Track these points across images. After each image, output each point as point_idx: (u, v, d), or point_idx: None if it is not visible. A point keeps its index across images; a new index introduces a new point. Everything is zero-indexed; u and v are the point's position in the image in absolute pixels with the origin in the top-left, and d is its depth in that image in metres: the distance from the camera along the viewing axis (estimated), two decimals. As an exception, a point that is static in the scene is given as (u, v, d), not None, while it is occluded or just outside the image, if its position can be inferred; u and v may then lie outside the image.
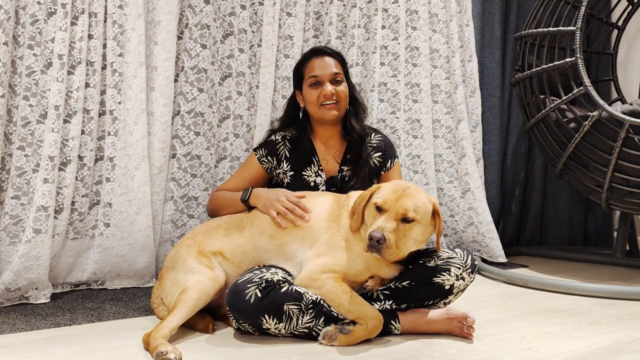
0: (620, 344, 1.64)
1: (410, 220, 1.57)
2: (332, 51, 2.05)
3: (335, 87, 1.98)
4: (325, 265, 1.63)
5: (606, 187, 2.66)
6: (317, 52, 2.04)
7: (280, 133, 2.07)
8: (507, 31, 3.39)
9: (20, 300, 2.01)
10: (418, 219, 1.58)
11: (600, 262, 3.05)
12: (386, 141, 2.11)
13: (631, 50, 3.63)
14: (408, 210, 1.56)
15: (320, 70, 1.98)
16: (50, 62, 2.11)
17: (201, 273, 1.68)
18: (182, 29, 2.45)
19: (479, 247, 3.01)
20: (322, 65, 1.99)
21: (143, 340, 1.53)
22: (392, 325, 1.64)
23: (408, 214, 1.56)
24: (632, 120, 2.48)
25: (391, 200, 1.58)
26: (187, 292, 1.62)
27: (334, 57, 2.03)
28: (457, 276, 1.68)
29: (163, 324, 1.53)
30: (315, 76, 1.98)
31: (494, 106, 3.30)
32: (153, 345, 1.45)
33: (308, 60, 2.03)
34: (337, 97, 1.98)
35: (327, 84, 1.97)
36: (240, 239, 1.79)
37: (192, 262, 1.73)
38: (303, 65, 2.04)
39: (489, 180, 3.28)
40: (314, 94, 1.99)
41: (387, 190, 1.63)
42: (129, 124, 2.26)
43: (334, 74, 1.98)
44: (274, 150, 2.04)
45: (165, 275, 1.78)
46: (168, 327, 1.52)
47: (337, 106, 1.99)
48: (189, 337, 1.63)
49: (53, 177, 2.05)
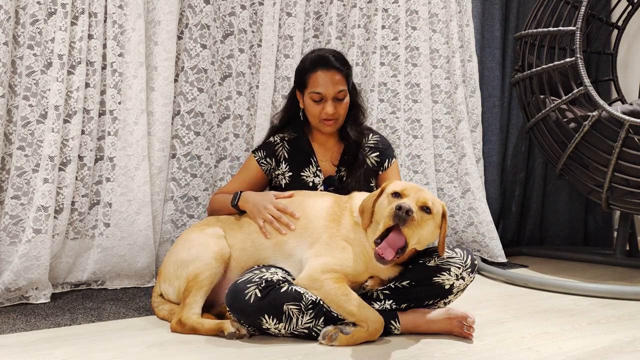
0: (620, 344, 1.64)
1: (428, 211, 1.57)
2: (339, 64, 1.96)
3: (337, 104, 1.96)
4: (325, 265, 1.63)
5: (606, 187, 2.66)
6: (325, 64, 1.94)
7: (279, 135, 2.06)
8: (507, 31, 3.39)
9: (20, 300, 2.02)
10: (433, 214, 1.59)
11: (600, 262, 3.05)
12: (384, 141, 2.11)
13: (631, 50, 3.63)
14: (428, 200, 1.58)
15: (324, 88, 1.93)
16: (50, 62, 2.11)
17: (205, 246, 1.71)
18: (182, 29, 2.45)
19: (479, 247, 3.01)
20: (326, 83, 1.93)
21: (172, 325, 1.66)
22: (392, 325, 1.64)
23: (428, 203, 1.57)
24: (632, 120, 2.48)
25: (411, 190, 1.60)
26: (199, 276, 1.68)
27: (340, 72, 1.95)
28: (457, 276, 1.68)
29: (190, 310, 1.65)
30: (319, 93, 1.94)
31: (494, 106, 3.30)
32: (197, 325, 1.62)
33: (314, 70, 1.95)
34: (337, 114, 1.97)
35: (330, 102, 1.94)
36: (239, 235, 1.80)
37: (195, 236, 1.77)
38: (308, 73, 1.97)
39: (489, 180, 3.27)
40: (316, 109, 1.96)
41: (404, 183, 1.65)
42: (129, 124, 2.26)
43: (337, 92, 1.95)
44: (272, 151, 2.04)
45: (167, 261, 1.80)
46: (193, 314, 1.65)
47: (336, 122, 1.99)
48: (189, 336, 1.62)
49: (53, 177, 2.05)
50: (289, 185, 2.02)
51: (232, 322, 1.61)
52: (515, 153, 3.45)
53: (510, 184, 3.44)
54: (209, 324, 1.63)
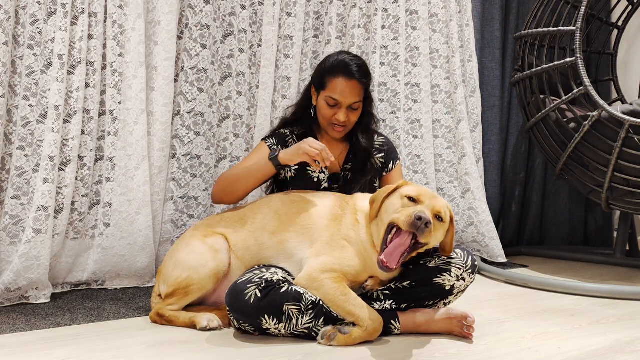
0: (620, 344, 1.64)
1: (441, 220, 1.60)
2: (361, 75, 1.95)
3: (350, 113, 1.97)
4: (325, 265, 1.62)
5: (606, 187, 2.66)
6: (348, 74, 1.93)
7: (289, 128, 2.08)
8: (507, 31, 3.38)
9: (20, 300, 2.01)
10: (445, 222, 1.61)
11: (600, 262, 3.05)
12: (389, 143, 2.12)
13: (631, 50, 3.63)
14: (442, 209, 1.60)
15: (342, 97, 1.93)
16: (50, 62, 2.11)
17: (204, 257, 1.73)
18: (182, 29, 2.45)
19: (479, 247, 3.01)
20: (345, 92, 1.93)
21: (151, 315, 1.76)
22: (392, 325, 1.64)
23: (441, 213, 1.60)
24: (632, 120, 2.48)
25: (426, 197, 1.61)
26: (190, 288, 1.73)
27: (361, 83, 1.95)
28: (458, 277, 1.68)
29: (169, 307, 1.74)
30: (335, 99, 1.94)
31: (494, 106, 3.30)
32: (173, 318, 1.72)
33: (336, 75, 1.93)
34: (348, 122, 1.98)
35: (344, 109, 1.95)
36: (243, 233, 1.80)
37: (196, 243, 1.77)
38: (329, 75, 1.95)
39: (489, 180, 3.27)
40: (328, 112, 1.97)
41: (419, 188, 1.66)
42: (129, 124, 2.26)
43: (353, 103, 1.95)
44: (283, 140, 2.05)
45: (167, 262, 1.81)
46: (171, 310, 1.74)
47: (345, 129, 2.00)
48: (189, 336, 1.63)
49: (53, 177, 2.05)
50: (294, 178, 2.02)
51: (203, 315, 1.69)
52: (515, 153, 3.45)
53: (510, 184, 3.44)
54: (183, 317, 1.71)
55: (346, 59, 1.97)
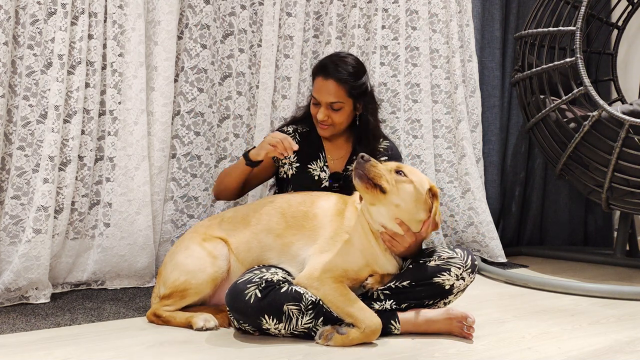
0: (620, 344, 1.64)
1: (402, 174, 1.63)
2: (340, 76, 1.94)
3: (331, 113, 1.98)
4: (325, 264, 1.62)
5: (606, 187, 2.66)
6: (324, 73, 1.96)
7: (292, 126, 2.11)
8: (507, 31, 3.39)
9: (20, 300, 2.01)
10: (412, 180, 1.63)
11: (600, 262, 3.05)
12: (393, 148, 2.14)
13: (631, 50, 3.63)
14: (402, 167, 1.65)
15: (319, 95, 1.97)
16: (50, 62, 2.11)
17: (202, 262, 1.74)
18: (182, 29, 2.45)
19: (479, 247, 3.01)
20: (322, 91, 1.96)
21: (148, 315, 1.78)
22: (392, 325, 1.64)
23: (402, 168, 1.65)
24: (632, 120, 2.48)
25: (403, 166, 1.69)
26: (187, 292, 1.73)
27: (340, 83, 1.94)
28: (458, 276, 1.68)
29: (165, 307, 1.75)
30: (315, 98, 1.99)
31: (494, 106, 3.30)
32: (170, 318, 1.72)
33: (317, 75, 2.00)
34: (331, 122, 2.00)
35: (323, 108, 1.98)
36: (246, 235, 1.79)
37: (195, 247, 1.77)
38: (313, 75, 2.04)
39: (489, 180, 3.27)
40: (313, 110, 2.03)
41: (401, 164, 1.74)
42: (129, 124, 2.26)
43: (330, 103, 1.96)
44: None
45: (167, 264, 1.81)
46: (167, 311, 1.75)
47: (330, 128, 2.02)
48: (189, 336, 1.63)
49: (53, 177, 2.05)
50: (295, 176, 2.04)
51: (199, 315, 1.69)
52: (515, 153, 3.45)
53: (510, 184, 3.44)
54: (180, 318, 1.72)
55: (327, 59, 2.03)
